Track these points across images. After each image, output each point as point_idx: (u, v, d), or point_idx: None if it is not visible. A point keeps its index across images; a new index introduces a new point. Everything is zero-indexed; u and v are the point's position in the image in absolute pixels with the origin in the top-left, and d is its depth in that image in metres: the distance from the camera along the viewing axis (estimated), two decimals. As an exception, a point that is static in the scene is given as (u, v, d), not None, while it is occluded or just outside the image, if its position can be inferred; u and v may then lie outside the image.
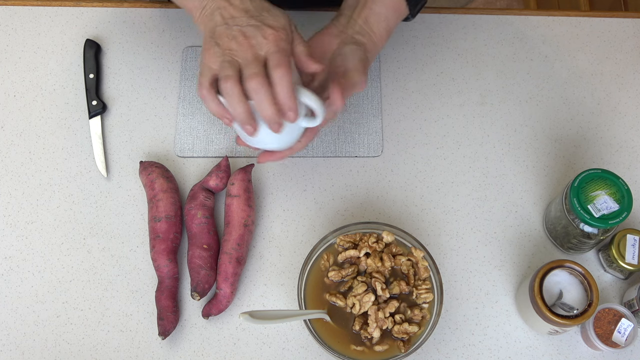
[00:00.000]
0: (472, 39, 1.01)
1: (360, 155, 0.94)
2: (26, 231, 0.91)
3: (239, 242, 0.86)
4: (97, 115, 0.96)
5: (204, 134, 0.95)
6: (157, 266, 0.86)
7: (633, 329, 0.81)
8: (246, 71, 0.70)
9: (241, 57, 0.71)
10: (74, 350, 0.86)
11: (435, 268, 0.83)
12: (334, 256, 0.85)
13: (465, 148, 0.95)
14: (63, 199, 0.92)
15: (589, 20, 1.02)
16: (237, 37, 0.71)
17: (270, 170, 0.94)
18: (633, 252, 0.85)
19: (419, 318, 0.82)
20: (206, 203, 0.88)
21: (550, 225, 0.88)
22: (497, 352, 0.85)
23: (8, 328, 0.86)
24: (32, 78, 0.98)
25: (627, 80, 0.99)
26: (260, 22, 0.72)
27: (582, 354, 0.85)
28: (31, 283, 0.88)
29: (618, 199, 0.80)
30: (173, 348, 0.85)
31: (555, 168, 0.94)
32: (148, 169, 0.90)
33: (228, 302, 0.85)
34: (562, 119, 0.97)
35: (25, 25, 1.01)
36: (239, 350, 0.86)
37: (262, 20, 0.72)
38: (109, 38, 1.01)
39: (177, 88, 0.98)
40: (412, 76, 0.99)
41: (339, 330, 0.82)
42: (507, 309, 0.87)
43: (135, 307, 0.87)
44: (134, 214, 0.91)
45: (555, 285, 0.80)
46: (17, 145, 0.95)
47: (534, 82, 0.99)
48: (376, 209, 0.92)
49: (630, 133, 0.96)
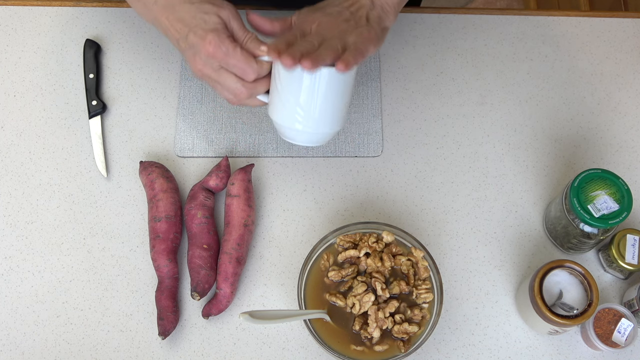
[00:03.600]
0: (472, 39, 1.01)
1: (360, 155, 0.94)
2: (26, 231, 0.91)
3: (239, 242, 0.86)
4: (97, 115, 0.96)
5: (204, 134, 0.95)
6: (157, 266, 0.86)
7: (633, 329, 0.81)
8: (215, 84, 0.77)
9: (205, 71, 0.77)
10: (74, 350, 0.86)
11: (435, 268, 0.83)
12: (334, 256, 0.85)
13: (465, 148, 0.95)
14: (63, 199, 0.92)
15: (589, 20, 1.02)
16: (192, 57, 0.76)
17: (270, 170, 0.94)
18: (633, 252, 0.85)
19: (419, 318, 0.82)
20: (206, 203, 0.88)
21: (550, 225, 0.88)
22: (497, 352, 0.85)
23: (8, 328, 0.86)
24: (32, 78, 0.98)
25: (627, 80, 0.99)
26: (194, 35, 0.74)
27: (582, 354, 0.85)
28: (31, 283, 0.88)
29: (618, 199, 0.80)
30: (173, 348, 0.85)
31: (555, 168, 0.94)
32: (148, 169, 0.90)
33: (228, 302, 0.85)
34: (562, 119, 0.97)
35: (25, 25, 1.01)
36: (239, 350, 0.86)
37: (194, 31, 0.74)
38: (109, 38, 1.01)
39: (177, 88, 0.98)
40: (412, 76, 0.99)
41: (339, 330, 0.82)
42: (507, 309, 0.87)
43: (135, 307, 0.87)
44: (134, 214, 0.91)
45: (555, 285, 0.80)
46: (17, 145, 0.95)
47: (534, 82, 0.99)
48: (376, 209, 0.92)
49: (630, 133, 0.96)
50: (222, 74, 0.75)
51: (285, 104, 0.77)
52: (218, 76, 0.75)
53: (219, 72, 0.75)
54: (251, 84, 0.76)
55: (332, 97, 0.77)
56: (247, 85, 0.76)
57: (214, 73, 0.75)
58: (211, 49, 0.73)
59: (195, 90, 0.98)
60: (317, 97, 0.76)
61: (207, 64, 0.75)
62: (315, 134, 0.79)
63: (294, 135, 0.80)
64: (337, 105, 0.78)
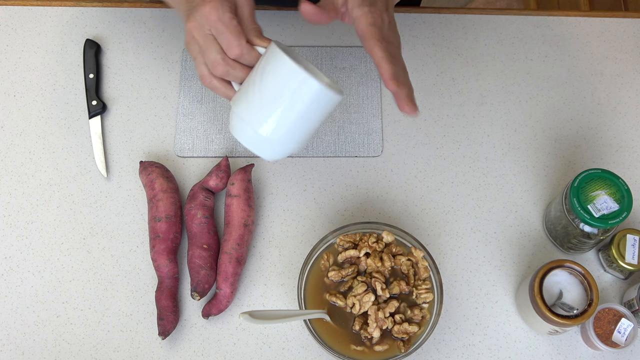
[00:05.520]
0: (472, 39, 1.01)
1: (360, 155, 0.94)
2: (26, 231, 0.91)
3: (239, 242, 0.86)
4: (97, 115, 0.96)
5: (204, 134, 0.95)
6: (157, 266, 0.86)
7: (633, 329, 0.81)
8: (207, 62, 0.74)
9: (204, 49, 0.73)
10: (74, 350, 0.86)
11: (435, 268, 0.83)
12: (334, 256, 0.85)
13: (465, 148, 0.95)
14: (63, 199, 0.92)
15: (589, 20, 1.02)
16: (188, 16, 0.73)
17: (270, 170, 0.94)
18: (633, 252, 0.85)
19: (419, 318, 0.82)
20: (206, 203, 0.88)
21: (550, 225, 0.88)
22: (497, 352, 0.85)
23: (8, 328, 0.86)
24: (32, 78, 0.98)
25: (627, 80, 0.99)
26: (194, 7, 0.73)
27: (582, 354, 0.85)
28: (31, 283, 0.88)
29: (618, 199, 0.80)
30: (173, 348, 0.85)
31: (555, 168, 0.94)
32: (148, 169, 0.90)
33: (228, 302, 0.85)
34: (562, 119, 0.97)
35: (25, 25, 1.01)
36: (239, 350, 0.86)
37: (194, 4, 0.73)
38: (109, 38, 1.01)
39: (177, 88, 0.98)
40: (412, 76, 0.98)
41: (339, 330, 0.82)
42: (507, 309, 0.87)
43: (135, 307, 0.87)
44: (134, 214, 0.91)
45: (555, 285, 0.80)
46: (17, 145, 0.95)
47: (534, 82, 0.99)
48: (376, 209, 0.92)
49: (630, 133, 0.96)
50: (208, 40, 0.72)
51: (262, 104, 0.70)
52: (204, 41, 0.72)
53: (206, 37, 0.72)
54: (231, 61, 0.72)
55: (316, 117, 0.71)
56: (227, 61, 0.72)
57: (202, 37, 0.73)
58: (207, 8, 0.71)
59: (195, 90, 0.98)
60: (300, 111, 0.70)
61: (199, 25, 0.72)
62: (277, 144, 0.72)
63: (250, 138, 0.72)
64: (314, 126, 0.72)
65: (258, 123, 0.70)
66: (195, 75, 0.98)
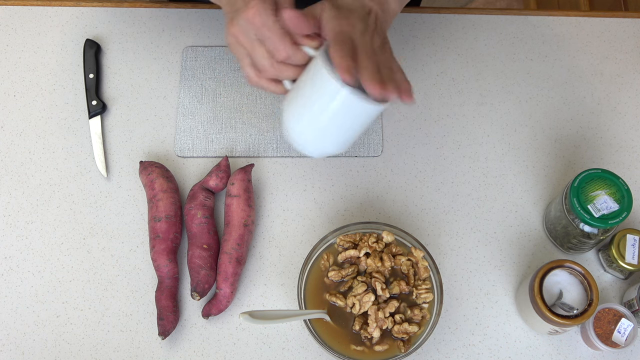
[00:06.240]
0: (472, 39, 1.01)
1: (360, 155, 0.94)
2: (26, 231, 0.91)
3: (239, 242, 0.86)
4: (97, 115, 0.96)
5: (204, 134, 0.95)
6: (157, 266, 0.86)
7: (633, 329, 0.81)
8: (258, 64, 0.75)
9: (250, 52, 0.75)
10: (74, 350, 0.86)
11: (435, 268, 0.83)
12: (334, 256, 0.85)
13: (465, 148, 0.95)
14: (63, 199, 0.92)
15: (589, 20, 1.02)
16: (230, 21, 0.74)
17: (270, 170, 0.94)
18: (633, 252, 0.85)
19: (419, 318, 0.82)
20: (206, 203, 0.88)
21: (550, 225, 0.88)
22: (497, 352, 0.85)
23: (8, 328, 0.86)
24: (32, 78, 0.98)
25: (627, 80, 0.99)
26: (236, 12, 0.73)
27: (582, 354, 0.85)
28: (31, 283, 0.88)
29: (618, 199, 0.80)
30: (173, 348, 0.86)
31: (555, 168, 0.94)
32: (148, 168, 0.90)
33: (228, 302, 0.85)
34: (562, 119, 0.97)
35: (25, 25, 1.01)
36: (239, 350, 0.86)
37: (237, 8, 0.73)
38: (109, 38, 1.01)
39: (177, 88, 0.98)
40: (412, 76, 0.99)
41: (339, 330, 0.82)
42: (507, 309, 0.87)
43: (135, 307, 0.87)
44: (134, 214, 0.91)
45: (555, 285, 0.80)
46: (17, 145, 0.95)
47: (534, 82, 0.99)
48: (376, 209, 0.92)
49: (630, 133, 0.96)
50: (255, 45, 0.73)
51: (311, 118, 0.74)
52: (251, 46, 0.73)
53: (253, 42, 0.73)
54: (278, 64, 0.74)
55: (364, 123, 0.76)
56: (275, 65, 0.73)
57: (248, 42, 0.73)
58: (251, 14, 0.71)
59: (195, 90, 0.98)
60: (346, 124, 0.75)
61: (243, 30, 0.73)
62: (320, 147, 0.78)
63: (298, 138, 0.77)
64: (361, 130, 0.77)
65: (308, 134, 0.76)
66: (196, 75, 0.98)
